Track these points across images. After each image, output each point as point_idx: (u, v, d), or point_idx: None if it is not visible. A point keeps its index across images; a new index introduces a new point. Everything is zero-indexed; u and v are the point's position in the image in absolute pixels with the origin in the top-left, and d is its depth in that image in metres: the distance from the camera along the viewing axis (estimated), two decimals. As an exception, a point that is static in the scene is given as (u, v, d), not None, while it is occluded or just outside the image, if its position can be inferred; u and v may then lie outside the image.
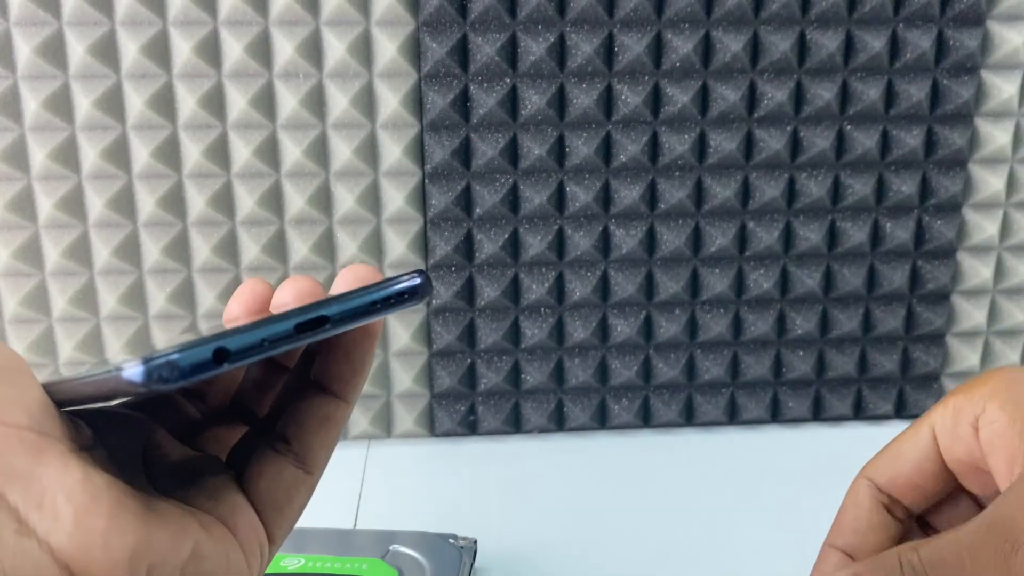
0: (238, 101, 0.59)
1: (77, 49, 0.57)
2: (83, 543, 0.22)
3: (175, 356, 0.21)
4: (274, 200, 0.61)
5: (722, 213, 0.63)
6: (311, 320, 0.23)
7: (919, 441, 0.32)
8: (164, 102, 0.58)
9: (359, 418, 0.65)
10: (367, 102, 0.60)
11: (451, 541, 0.49)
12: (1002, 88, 0.62)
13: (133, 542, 0.23)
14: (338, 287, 0.27)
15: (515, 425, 0.66)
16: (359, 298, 0.24)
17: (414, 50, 0.59)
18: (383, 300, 0.24)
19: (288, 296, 0.28)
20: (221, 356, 0.21)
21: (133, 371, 0.20)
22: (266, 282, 0.30)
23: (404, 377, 0.65)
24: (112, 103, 0.58)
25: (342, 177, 0.61)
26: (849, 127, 0.62)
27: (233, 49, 0.58)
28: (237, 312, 0.29)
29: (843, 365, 0.67)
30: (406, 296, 0.25)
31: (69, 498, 0.22)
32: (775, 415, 0.68)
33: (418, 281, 0.25)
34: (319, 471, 0.29)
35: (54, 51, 0.57)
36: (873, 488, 0.33)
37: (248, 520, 0.27)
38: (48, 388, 0.24)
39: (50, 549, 0.22)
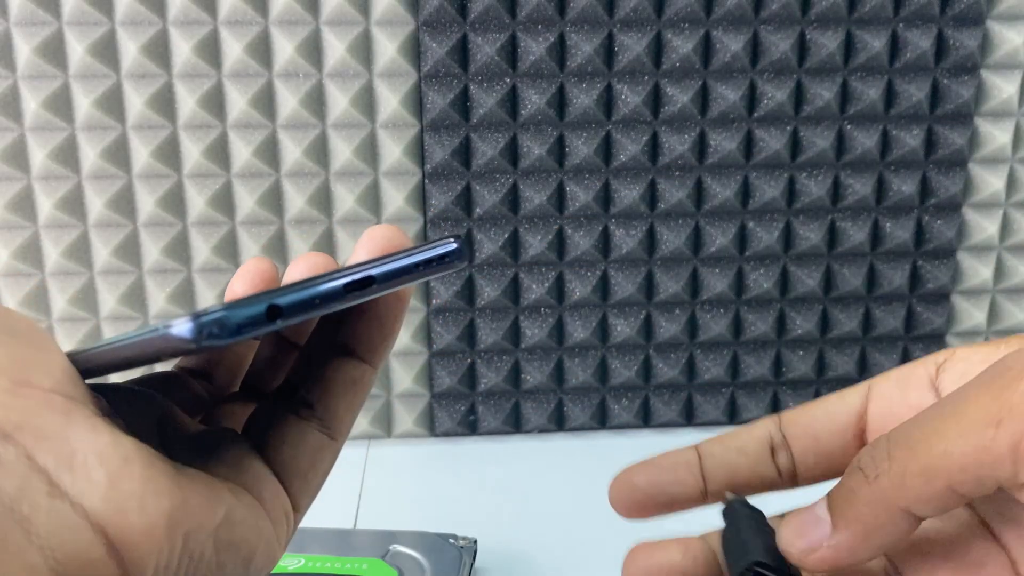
0: (238, 101, 0.59)
1: (77, 49, 0.57)
2: (119, 505, 0.21)
3: (227, 313, 0.20)
4: (274, 200, 0.61)
5: (722, 213, 0.63)
6: (359, 280, 0.23)
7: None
8: (164, 102, 0.58)
9: (359, 418, 0.65)
10: (367, 102, 0.60)
11: (451, 541, 0.49)
12: (1002, 88, 0.62)
13: (169, 505, 0.22)
14: (363, 244, 0.28)
15: (515, 425, 0.66)
16: (402, 259, 0.24)
17: (414, 50, 0.59)
18: (425, 262, 0.25)
19: (304, 270, 0.28)
20: (274, 313, 0.21)
21: (182, 328, 0.20)
22: (269, 260, 0.30)
23: (404, 377, 0.65)
24: (112, 103, 0.58)
25: (342, 177, 0.61)
26: (849, 127, 0.62)
27: (233, 49, 0.58)
28: (241, 291, 0.29)
29: (843, 365, 0.67)
30: (447, 259, 0.25)
31: (101, 460, 0.21)
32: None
33: (454, 246, 0.25)
34: (342, 437, 0.29)
35: (54, 51, 0.57)
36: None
37: (272, 489, 0.27)
38: (70, 356, 0.23)
39: (84, 512, 0.21)
